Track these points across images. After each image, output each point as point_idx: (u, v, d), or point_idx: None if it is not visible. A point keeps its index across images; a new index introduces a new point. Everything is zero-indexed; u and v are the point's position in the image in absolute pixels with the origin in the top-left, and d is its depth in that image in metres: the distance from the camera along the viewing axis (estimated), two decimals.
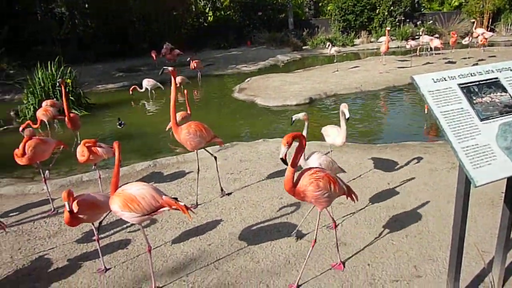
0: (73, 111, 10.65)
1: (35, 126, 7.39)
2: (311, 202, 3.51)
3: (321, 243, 4.19)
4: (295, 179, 3.40)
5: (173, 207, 3.59)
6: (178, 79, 12.43)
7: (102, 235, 4.53)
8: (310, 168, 3.53)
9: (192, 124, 5.33)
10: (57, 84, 9.60)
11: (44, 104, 9.21)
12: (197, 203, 5.23)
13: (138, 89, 11.64)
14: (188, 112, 8.32)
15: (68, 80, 10.84)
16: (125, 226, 4.80)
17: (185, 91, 8.32)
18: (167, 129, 7.92)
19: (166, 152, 7.73)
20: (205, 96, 8.31)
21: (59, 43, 20.14)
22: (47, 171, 5.71)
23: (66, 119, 7.51)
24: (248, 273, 3.81)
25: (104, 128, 9.93)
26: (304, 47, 22.33)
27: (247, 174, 6.05)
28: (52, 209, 5.31)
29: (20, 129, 7.05)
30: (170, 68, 5.25)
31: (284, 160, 3.19)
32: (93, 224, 3.98)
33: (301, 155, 3.51)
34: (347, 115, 4.96)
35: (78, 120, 7.90)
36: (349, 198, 3.79)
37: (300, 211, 4.87)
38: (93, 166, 5.72)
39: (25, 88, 11.14)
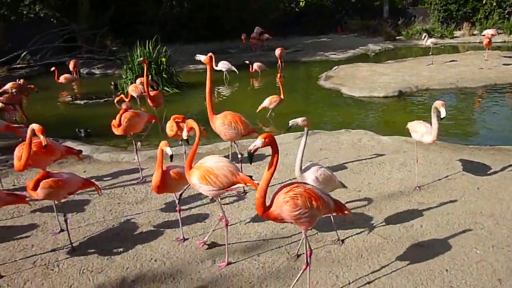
0: (165, 88, 11.33)
1: (126, 100, 7.95)
2: (292, 223, 3.19)
3: (396, 241, 4.05)
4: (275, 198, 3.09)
5: (248, 184, 3.73)
6: (255, 66, 12.58)
7: (183, 207, 4.81)
8: (287, 185, 3.17)
9: (229, 115, 5.21)
10: (138, 62, 10.07)
11: (138, 81, 9.86)
12: (244, 190, 5.23)
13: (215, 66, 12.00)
14: (281, 97, 8.41)
15: (163, 59, 11.49)
16: (204, 201, 5.04)
17: (279, 75, 8.41)
18: (257, 110, 8.12)
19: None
20: (290, 82, 8.37)
21: (157, 23, 21.31)
22: (138, 143, 6.15)
23: (147, 96, 7.75)
24: (319, 261, 3.82)
25: (192, 106, 10.41)
26: (397, 37, 21.30)
27: (326, 163, 5.99)
28: (141, 177, 5.73)
29: (115, 101, 7.63)
30: (202, 57, 5.26)
31: (250, 155, 2.94)
32: (175, 195, 4.24)
33: (272, 174, 3.05)
34: (443, 114, 4.52)
35: (160, 98, 8.10)
36: (340, 214, 3.44)
37: (378, 206, 4.74)
38: (180, 141, 6.04)
39: (124, 64, 12.02)
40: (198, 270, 3.76)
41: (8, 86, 9.34)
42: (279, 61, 13.89)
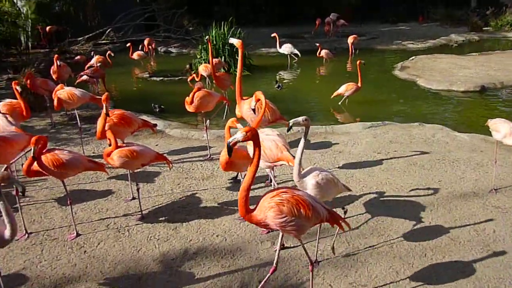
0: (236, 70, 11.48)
1: (197, 79, 8.14)
2: (278, 231, 3.01)
3: (464, 244, 3.86)
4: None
5: (290, 163, 3.81)
6: (323, 52, 12.29)
7: None
8: (275, 189, 2.99)
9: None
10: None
11: (214, 61, 10.07)
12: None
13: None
14: (359, 85, 8.19)
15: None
16: (262, 184, 5.10)
17: (359, 62, 8.19)
18: (332, 97, 8.02)
19: (316, 120, 7.83)
20: (362, 70, 8.10)
21: (233, 5, 21.53)
22: (208, 121, 6.33)
23: (213, 77, 7.61)
24: (379, 255, 3.74)
25: (260, 89, 10.46)
26: (484, 28, 19.75)
27: (395, 157, 5.80)
28: (209, 155, 5.92)
29: (188, 80, 7.81)
30: (235, 40, 5.17)
31: (229, 148, 2.76)
32: (240, 174, 4.33)
33: (255, 172, 2.85)
34: None
35: (227, 80, 7.91)
36: (335, 225, 3.17)
37: (447, 205, 4.52)
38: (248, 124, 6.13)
39: (199, 44, 12.34)
40: (258, 250, 3.85)
41: (94, 60, 10.00)
42: (350, 49, 13.51)
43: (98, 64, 9.70)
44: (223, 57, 11.37)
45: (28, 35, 14.07)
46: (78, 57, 11.52)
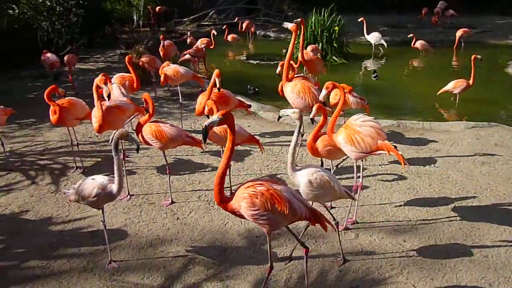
0: (333, 58, 11.31)
1: (295, 66, 8.09)
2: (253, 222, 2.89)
3: None
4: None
5: (391, 152, 3.68)
6: (418, 43, 11.42)
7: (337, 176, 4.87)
8: (252, 180, 2.90)
9: (299, 83, 4.95)
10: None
11: (309, 48, 10.00)
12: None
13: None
14: (470, 82, 7.42)
15: (336, 28, 11.41)
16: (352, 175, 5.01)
17: (474, 57, 7.39)
18: (438, 93, 7.53)
19: (414, 115, 7.47)
20: (470, 66, 7.41)
21: None
22: None
23: (302, 61, 7.17)
24: (472, 263, 3.52)
25: (356, 78, 10.23)
26: None
27: (499, 162, 5.34)
28: (299, 141, 5.96)
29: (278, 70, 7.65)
30: (290, 24, 5.10)
31: (205, 131, 2.73)
32: (331, 162, 4.31)
33: (228, 159, 2.81)
34: None
35: (317, 65, 7.47)
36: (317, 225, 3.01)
37: None
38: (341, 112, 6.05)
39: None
40: (340, 239, 3.82)
41: (199, 42, 10.47)
42: (456, 42, 12.44)
43: (203, 46, 10.16)
44: (320, 43, 11.24)
45: (140, 15, 15.13)
46: (188, 37, 12.02)
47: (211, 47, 10.59)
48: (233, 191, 4.60)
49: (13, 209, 4.39)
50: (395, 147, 3.76)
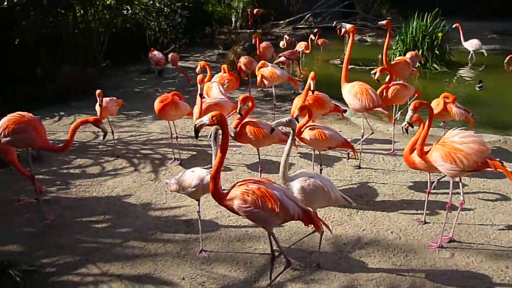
0: (434, 65, 10.72)
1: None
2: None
3: None
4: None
5: (498, 170, 3.39)
6: None
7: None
8: (248, 179, 3.01)
9: (357, 84, 4.89)
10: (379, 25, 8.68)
11: (408, 54, 9.57)
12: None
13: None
14: None
15: (439, 34, 10.80)
16: (455, 190, 4.71)
17: None
18: None
19: None
20: None
21: None
22: (398, 115, 6.12)
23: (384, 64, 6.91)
24: None
25: (458, 87, 9.59)
26: None
27: None
28: (392, 149, 5.75)
29: (372, 72, 7.32)
30: (348, 25, 4.95)
31: (196, 130, 2.91)
32: (429, 175, 4.10)
33: (221, 158, 2.94)
34: None
35: (403, 69, 6.82)
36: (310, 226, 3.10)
37: None
38: (441, 123, 5.72)
39: (397, 35, 11.85)
40: (434, 258, 3.63)
41: (298, 46, 10.55)
42: None
43: (301, 49, 10.23)
44: (421, 50, 10.70)
45: (238, 17, 15.69)
46: (287, 38, 12.21)
47: (307, 51, 10.63)
48: None
49: (118, 192, 4.82)
50: (502, 163, 3.46)
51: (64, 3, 8.59)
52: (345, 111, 5.76)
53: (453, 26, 11.51)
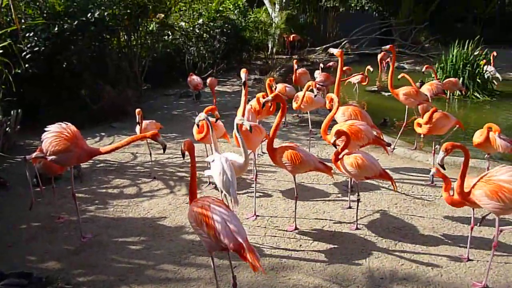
0: (475, 94, 10.43)
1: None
2: None
3: None
4: None
5: None
6: None
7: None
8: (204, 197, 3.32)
9: (351, 107, 5.46)
10: (383, 49, 8.51)
11: (446, 82, 9.35)
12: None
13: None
14: None
15: (482, 62, 10.56)
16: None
17: None
18: None
19: None
20: None
21: (481, 23, 19.57)
22: (437, 145, 5.94)
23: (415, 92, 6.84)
24: None
25: (505, 118, 9.25)
26: None
27: None
28: (431, 180, 5.52)
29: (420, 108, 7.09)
30: (335, 50, 5.61)
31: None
32: (473, 210, 3.92)
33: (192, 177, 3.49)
34: None
35: (407, 97, 6.76)
36: None
37: None
38: (486, 155, 5.50)
39: (436, 63, 11.66)
40: None
41: (354, 78, 10.46)
42: None
43: (356, 81, 10.23)
44: (461, 78, 10.47)
45: (274, 42, 15.92)
46: (331, 63, 12.29)
47: (364, 83, 10.48)
48: (358, 225, 4.47)
49: (153, 214, 4.87)
50: None
51: (110, 29, 8.98)
52: (388, 145, 5.55)
53: (492, 54, 11.25)
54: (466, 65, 10.59)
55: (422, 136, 6.50)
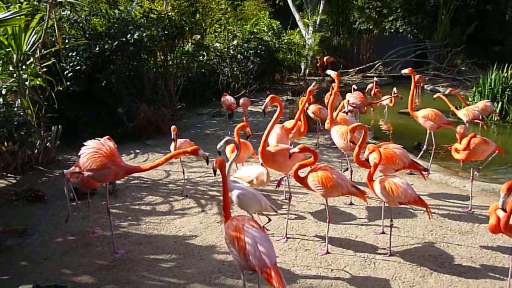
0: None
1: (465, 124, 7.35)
2: None
3: None
4: None
5: None
6: None
7: None
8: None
9: (344, 126, 5.56)
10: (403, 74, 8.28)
11: (480, 104, 9.01)
12: None
13: None
14: None
15: None
16: None
17: None
18: None
19: None
20: None
21: None
22: (476, 172, 5.76)
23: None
24: None
25: None
26: None
27: None
28: (469, 208, 5.37)
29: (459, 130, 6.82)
30: (332, 72, 6.03)
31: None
32: None
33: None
34: None
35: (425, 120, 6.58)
36: None
37: None
38: None
39: (474, 86, 11.38)
40: None
41: (384, 101, 10.40)
42: None
43: (385, 103, 10.14)
44: (500, 102, 10.16)
45: (307, 64, 15.97)
46: (355, 88, 12.12)
47: (391, 104, 10.40)
48: (392, 253, 4.35)
49: (185, 232, 4.90)
50: None
51: (147, 49, 9.28)
52: (425, 170, 5.36)
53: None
54: (506, 89, 10.27)
55: (461, 163, 6.28)
